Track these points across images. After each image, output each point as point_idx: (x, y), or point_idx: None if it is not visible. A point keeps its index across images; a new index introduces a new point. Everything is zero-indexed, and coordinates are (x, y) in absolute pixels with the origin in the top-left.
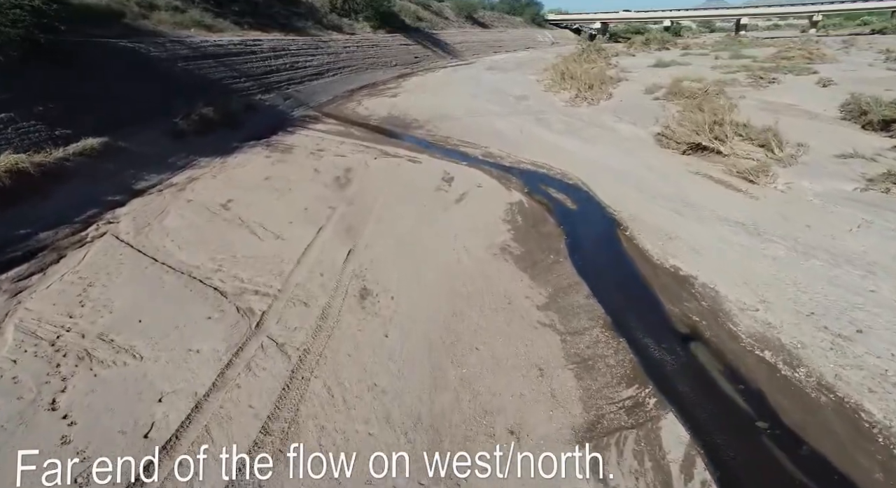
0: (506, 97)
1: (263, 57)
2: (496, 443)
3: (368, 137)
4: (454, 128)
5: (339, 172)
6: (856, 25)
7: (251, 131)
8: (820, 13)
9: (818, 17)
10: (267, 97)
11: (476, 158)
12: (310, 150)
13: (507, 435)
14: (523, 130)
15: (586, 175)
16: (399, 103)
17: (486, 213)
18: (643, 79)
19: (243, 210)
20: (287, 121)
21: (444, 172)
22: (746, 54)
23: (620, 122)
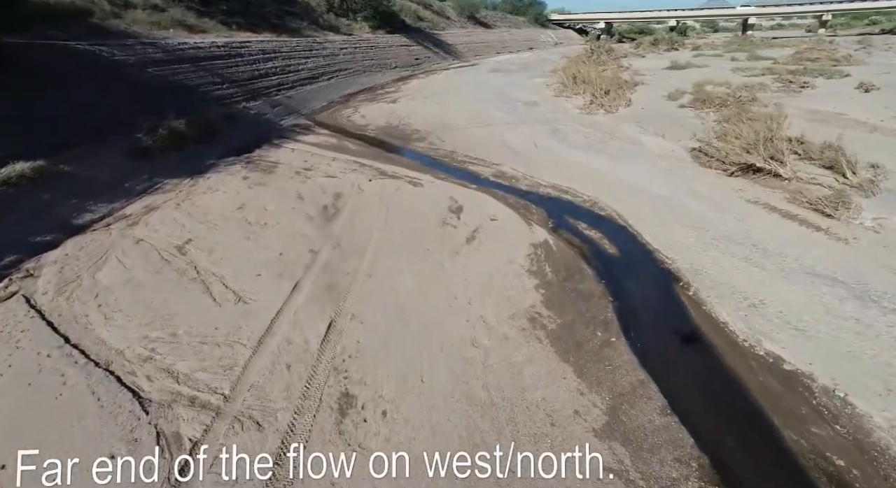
0: (514, 103)
1: (251, 60)
2: None
3: (364, 152)
4: (459, 140)
5: (327, 199)
6: (864, 25)
7: (231, 145)
8: (829, 12)
9: (827, 17)
10: (253, 105)
11: (486, 180)
12: (295, 169)
13: None
14: (538, 144)
15: (621, 204)
16: (399, 110)
17: (506, 261)
18: (661, 83)
19: (203, 256)
20: (274, 131)
21: (450, 199)
22: (763, 55)
23: (646, 133)
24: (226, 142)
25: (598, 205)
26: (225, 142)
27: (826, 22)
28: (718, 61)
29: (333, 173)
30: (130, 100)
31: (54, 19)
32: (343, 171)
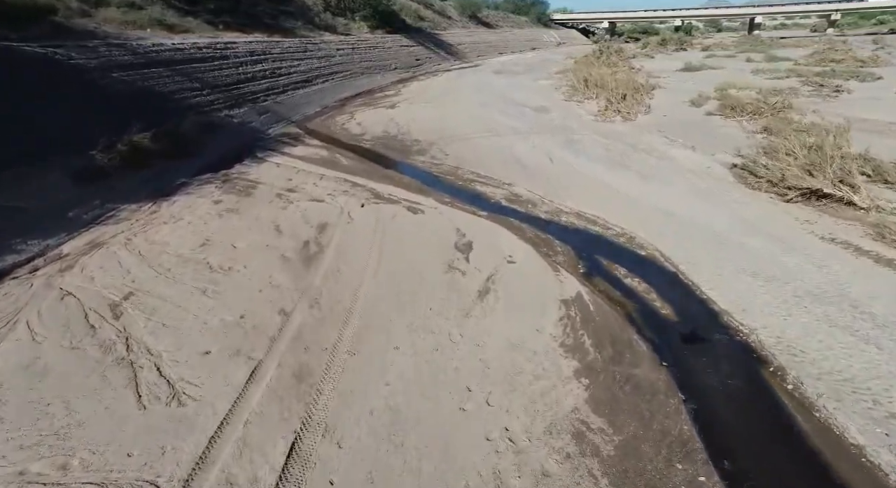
0: (521, 108)
1: (237, 62)
2: None
3: (357, 168)
4: (465, 153)
5: (310, 232)
6: (871, 25)
7: (208, 160)
8: (838, 12)
9: (836, 17)
10: (237, 112)
11: (498, 205)
12: (277, 191)
13: None
14: (554, 157)
15: (663, 240)
16: (398, 116)
17: (531, 328)
18: (679, 86)
19: (142, 319)
20: (258, 143)
21: (456, 231)
22: (780, 56)
23: (674, 145)
24: (202, 156)
25: (636, 240)
26: (201, 156)
27: (835, 21)
28: (733, 62)
29: (320, 196)
30: (86, 111)
31: (7, 18)
32: (332, 193)
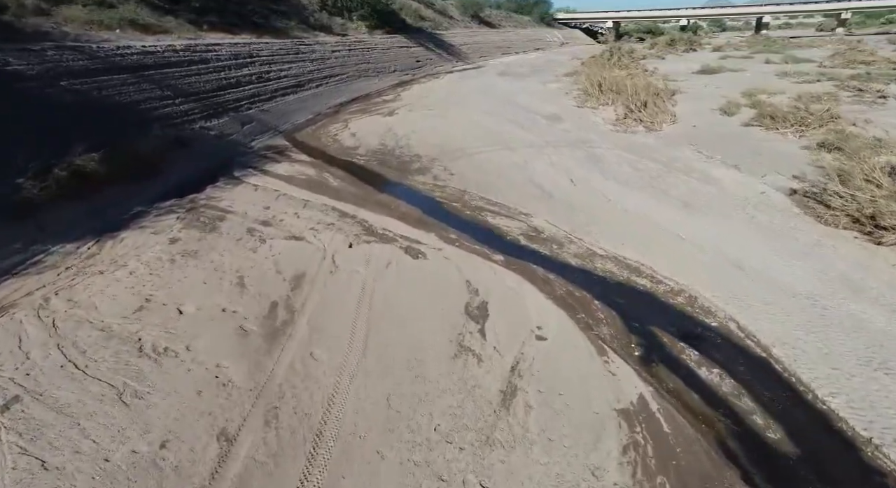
0: (531, 116)
1: (219, 66)
2: None
3: (348, 191)
4: (471, 171)
5: (281, 288)
6: (879, 24)
7: (173, 183)
8: (849, 10)
9: (847, 16)
10: (215, 123)
11: (516, 244)
12: (250, 223)
13: None
14: (576, 179)
15: (736, 302)
16: (396, 125)
17: (583, 468)
18: (700, 91)
19: (9, 455)
20: (238, 159)
21: (467, 286)
22: (800, 57)
23: (713, 163)
24: (167, 178)
25: (699, 303)
26: (166, 178)
27: (845, 21)
28: (752, 64)
29: (301, 231)
30: (15, 128)
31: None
32: (315, 228)
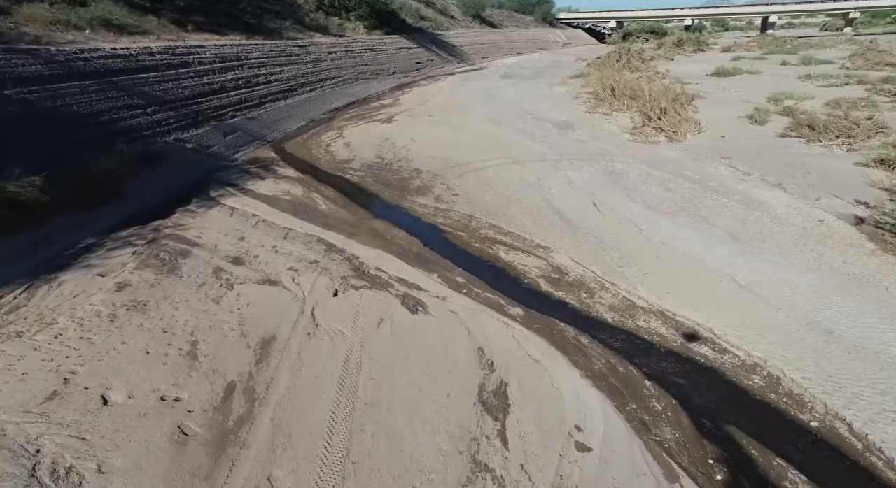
0: (541, 123)
1: (202, 71)
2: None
3: (338, 217)
4: (479, 191)
5: (243, 360)
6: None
7: (137, 206)
8: (857, 10)
9: (855, 15)
10: (193, 134)
11: (536, 291)
12: (218, 261)
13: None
14: (599, 201)
15: (837, 388)
16: (394, 134)
17: None
18: (720, 95)
19: None
20: (217, 175)
21: (478, 356)
22: (818, 58)
23: (751, 181)
24: (131, 201)
25: (785, 387)
26: (128, 201)
27: (853, 20)
28: (768, 66)
29: (277, 273)
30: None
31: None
32: (295, 267)
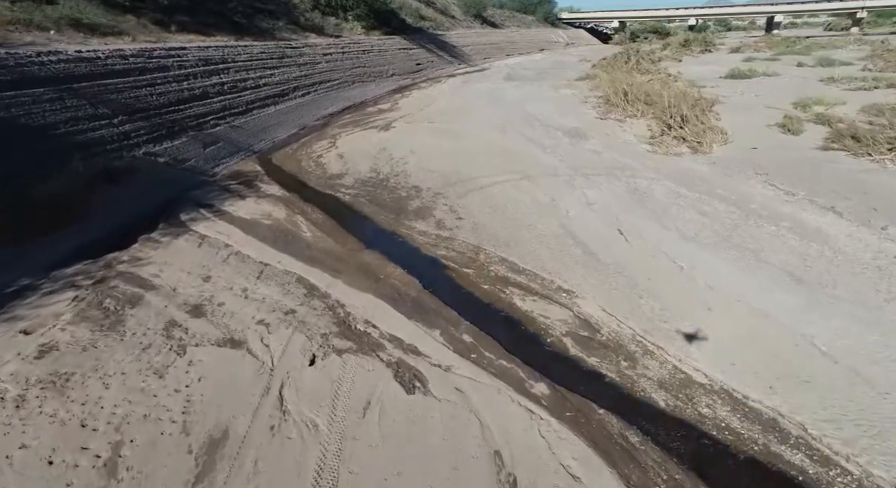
0: (550, 131)
1: (182, 75)
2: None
3: (323, 248)
4: (486, 214)
5: (177, 477)
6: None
7: (94, 232)
8: (865, 9)
9: (862, 15)
10: (166, 147)
11: (562, 357)
12: (172, 311)
13: None
14: (626, 229)
15: None
16: (392, 143)
17: None
18: (741, 100)
19: None
20: (191, 194)
21: (495, 466)
22: (834, 58)
23: (795, 201)
24: (86, 227)
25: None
26: (84, 227)
27: (861, 20)
28: (783, 67)
29: (243, 330)
30: None
31: None
32: (266, 320)
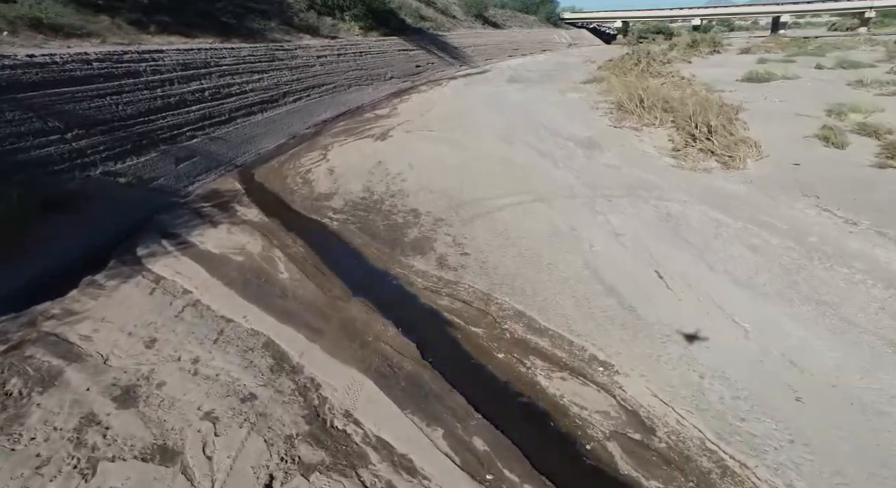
0: (560, 140)
1: (156, 81)
2: None
3: (301, 297)
4: (496, 249)
5: None
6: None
7: (26, 273)
8: (873, 9)
9: (871, 14)
10: (129, 164)
11: (610, 474)
12: (92, 402)
13: None
14: (664, 269)
15: None
16: (388, 155)
17: None
18: (766, 106)
19: None
20: (156, 219)
21: None
22: (857, 60)
23: (860, 232)
24: (14, 269)
25: None
26: (14, 268)
27: (869, 20)
28: (802, 69)
29: (180, 431)
30: None
31: None
32: (212, 412)
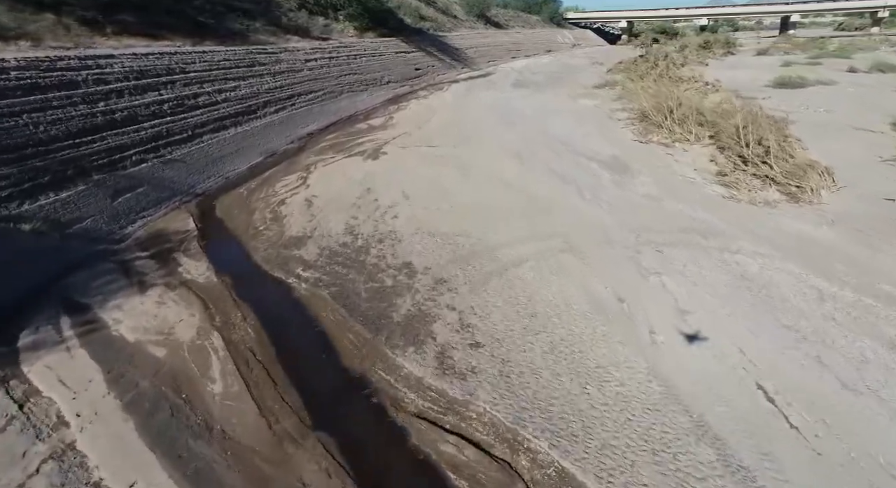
0: (582, 161)
1: (98, 93)
2: None
3: (228, 436)
4: (518, 340)
5: None
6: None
7: None
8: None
9: (884, 14)
10: (45, 202)
11: None
12: None
13: None
14: (775, 388)
15: None
16: (380, 180)
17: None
18: (812, 118)
19: None
20: (65, 281)
21: None
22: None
23: None
24: None
25: None
26: None
27: (881, 19)
28: (834, 73)
29: None
30: None
31: None
32: None
